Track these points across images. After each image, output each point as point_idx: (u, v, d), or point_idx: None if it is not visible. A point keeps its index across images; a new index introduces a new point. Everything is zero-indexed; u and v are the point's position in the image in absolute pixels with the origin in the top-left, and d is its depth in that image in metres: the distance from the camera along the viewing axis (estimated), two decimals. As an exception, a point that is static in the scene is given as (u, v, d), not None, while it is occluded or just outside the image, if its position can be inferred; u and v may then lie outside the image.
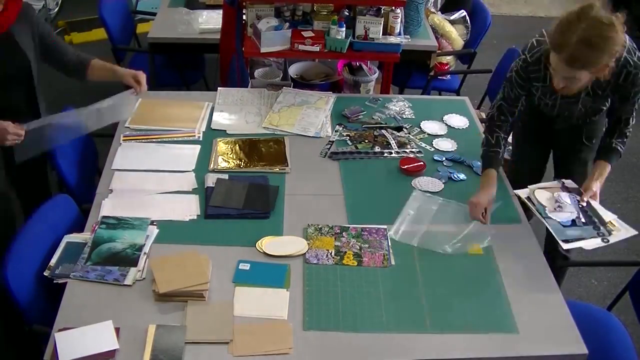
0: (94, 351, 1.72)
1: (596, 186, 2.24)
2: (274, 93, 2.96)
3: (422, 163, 2.50)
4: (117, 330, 1.78)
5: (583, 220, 2.16)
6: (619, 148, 2.30)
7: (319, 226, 2.19)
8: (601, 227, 2.13)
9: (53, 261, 1.97)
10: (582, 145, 2.55)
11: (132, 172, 2.40)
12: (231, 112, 2.80)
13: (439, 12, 3.99)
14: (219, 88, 2.98)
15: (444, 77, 3.97)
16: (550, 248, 2.53)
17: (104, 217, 2.14)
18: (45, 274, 1.93)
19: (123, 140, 2.56)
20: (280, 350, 1.77)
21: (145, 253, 2.02)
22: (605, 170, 2.28)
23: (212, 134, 2.65)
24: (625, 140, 2.31)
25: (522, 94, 2.33)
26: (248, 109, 2.84)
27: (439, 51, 3.73)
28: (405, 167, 2.48)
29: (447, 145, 2.67)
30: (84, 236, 2.07)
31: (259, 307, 1.89)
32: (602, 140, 2.36)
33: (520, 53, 2.27)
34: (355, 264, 2.06)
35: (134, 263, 1.98)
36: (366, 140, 2.66)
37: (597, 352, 1.95)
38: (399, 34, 3.17)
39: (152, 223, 2.15)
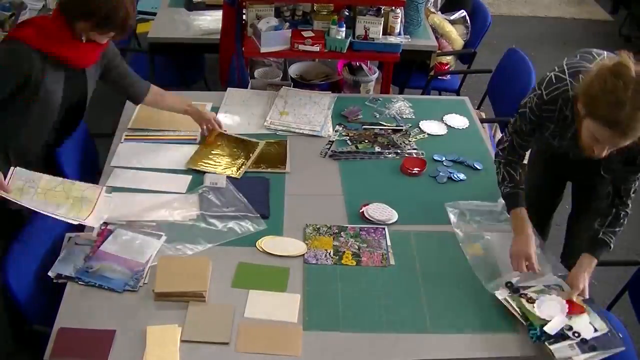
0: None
1: (583, 281, 2.00)
2: (276, 93, 2.96)
3: (424, 163, 2.51)
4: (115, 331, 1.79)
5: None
6: (607, 240, 2.05)
7: (317, 226, 2.19)
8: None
9: (57, 264, 1.96)
10: (600, 178, 2.25)
11: (131, 170, 2.40)
12: (235, 112, 2.80)
13: (439, 12, 3.99)
14: (228, 88, 2.98)
15: (444, 77, 3.96)
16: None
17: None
18: (50, 274, 1.93)
19: (125, 139, 2.57)
20: (287, 352, 1.76)
21: (150, 267, 2.00)
22: (591, 265, 2.04)
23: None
24: (617, 230, 2.06)
25: (535, 128, 2.12)
26: (252, 110, 2.84)
27: (439, 51, 3.73)
28: (411, 169, 2.48)
29: (434, 128, 2.76)
30: (88, 236, 2.07)
31: (270, 310, 1.89)
32: (593, 224, 2.11)
33: (536, 87, 2.04)
34: (354, 263, 2.06)
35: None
36: (366, 140, 2.66)
37: (597, 352, 1.94)
38: (399, 34, 3.18)
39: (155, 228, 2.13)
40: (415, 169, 2.49)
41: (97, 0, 2.03)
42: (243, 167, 2.44)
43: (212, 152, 2.52)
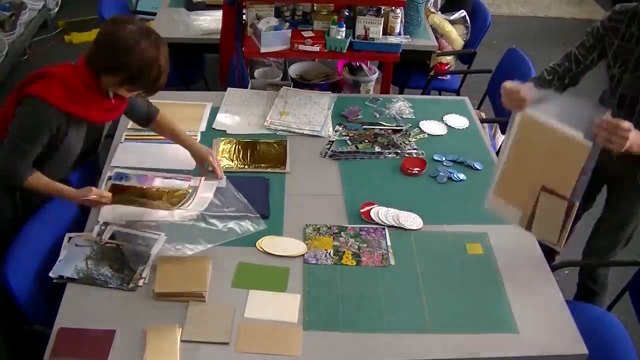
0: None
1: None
2: (276, 93, 2.96)
3: (424, 163, 2.51)
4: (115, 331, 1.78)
5: None
6: None
7: (317, 226, 2.19)
8: None
9: (58, 265, 1.96)
10: (635, 185, 2.31)
11: (130, 170, 2.39)
12: (235, 112, 2.80)
13: (439, 12, 3.99)
14: (228, 88, 2.98)
15: (444, 77, 3.96)
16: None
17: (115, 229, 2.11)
18: (51, 275, 1.92)
19: (125, 139, 2.56)
20: (287, 352, 1.77)
21: (151, 262, 2.00)
22: None
23: (212, 134, 2.65)
24: None
25: (597, 47, 2.25)
26: (252, 110, 2.84)
27: (439, 51, 3.73)
28: (411, 169, 2.47)
29: (434, 128, 2.75)
30: (88, 236, 2.06)
31: (270, 310, 1.89)
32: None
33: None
34: (354, 263, 2.06)
35: (139, 272, 1.96)
36: (366, 140, 2.66)
37: (597, 352, 1.95)
38: (399, 34, 3.18)
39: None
40: (415, 169, 2.49)
41: (130, 55, 1.94)
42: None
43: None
